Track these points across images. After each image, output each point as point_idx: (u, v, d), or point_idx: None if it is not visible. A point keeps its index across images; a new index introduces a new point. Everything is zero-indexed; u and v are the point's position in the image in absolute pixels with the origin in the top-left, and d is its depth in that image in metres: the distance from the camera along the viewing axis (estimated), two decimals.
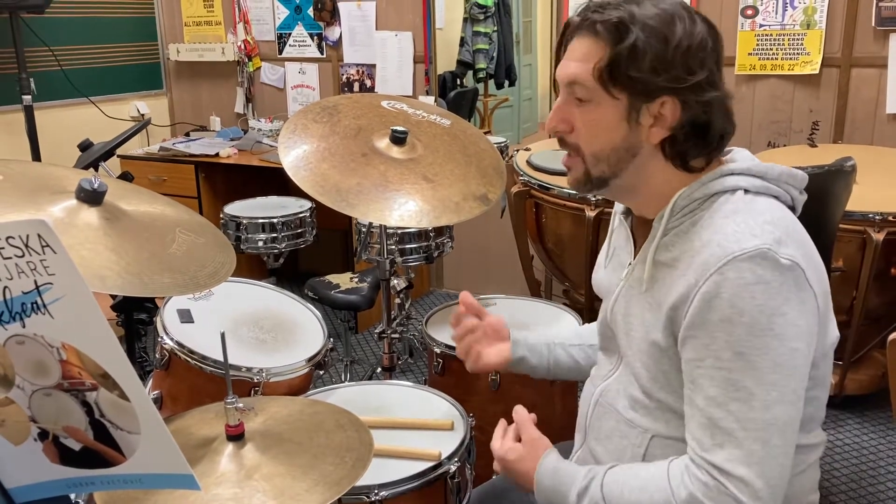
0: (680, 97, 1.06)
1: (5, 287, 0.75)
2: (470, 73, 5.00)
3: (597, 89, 1.08)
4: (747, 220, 1.04)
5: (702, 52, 1.07)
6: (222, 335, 1.10)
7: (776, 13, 3.15)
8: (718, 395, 1.03)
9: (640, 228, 1.21)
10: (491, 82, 5.19)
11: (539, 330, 1.52)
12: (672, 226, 1.11)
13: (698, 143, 1.10)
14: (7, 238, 0.72)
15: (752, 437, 1.01)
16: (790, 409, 1.02)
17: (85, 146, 2.50)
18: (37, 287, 0.75)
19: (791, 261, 1.01)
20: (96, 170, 2.42)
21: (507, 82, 5.26)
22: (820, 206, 1.12)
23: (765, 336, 1.00)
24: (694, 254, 1.05)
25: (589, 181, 1.15)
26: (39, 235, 0.72)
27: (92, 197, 1.24)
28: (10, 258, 0.73)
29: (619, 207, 1.28)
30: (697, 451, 1.05)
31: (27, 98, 3.52)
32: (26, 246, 0.73)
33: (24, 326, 0.77)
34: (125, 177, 2.37)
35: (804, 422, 1.10)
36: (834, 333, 1.13)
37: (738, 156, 1.15)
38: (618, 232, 1.28)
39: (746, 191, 1.09)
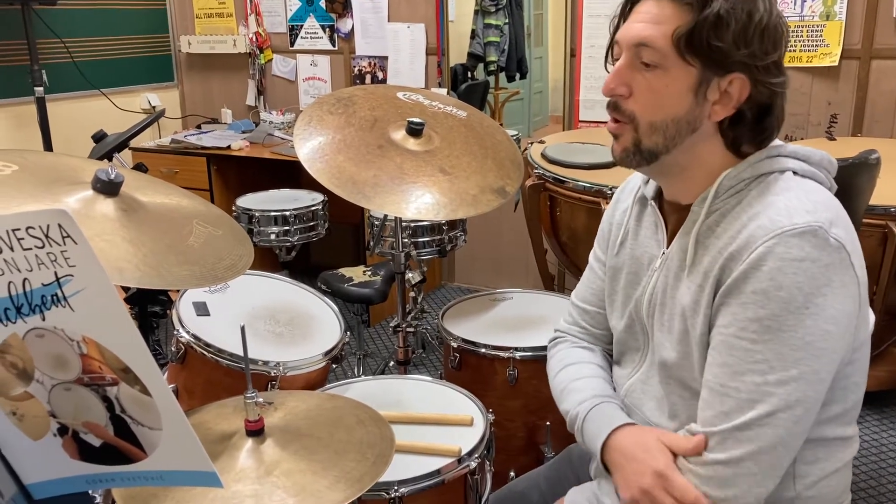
0: (751, 76, 1.03)
1: (25, 279, 0.73)
2: (481, 65, 4.96)
3: (670, 55, 1.03)
4: (800, 197, 1.02)
5: (777, 32, 1.04)
6: (242, 329, 1.08)
7: (795, 4, 3.10)
8: (735, 364, 1.00)
9: (673, 214, 1.17)
10: (502, 75, 5.15)
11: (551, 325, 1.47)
12: (716, 207, 1.08)
13: (756, 127, 1.07)
14: (27, 228, 0.70)
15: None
16: (808, 389, 0.99)
17: (99, 137, 2.49)
18: (57, 279, 0.73)
19: (839, 242, 0.98)
20: (110, 161, 2.41)
21: (518, 75, 5.22)
22: (844, 199, 1.10)
23: (799, 314, 0.97)
24: (741, 227, 1.02)
25: (638, 152, 1.08)
26: (60, 226, 0.70)
27: (108, 187, 1.22)
28: (30, 249, 0.71)
29: (647, 191, 1.21)
30: (702, 418, 1.04)
31: (39, 90, 3.52)
32: (46, 236, 0.71)
33: (43, 319, 0.75)
34: (139, 168, 2.36)
35: (845, 411, 1.08)
36: (872, 319, 1.11)
37: (776, 142, 1.12)
38: (641, 218, 1.23)
39: (794, 172, 1.06)
